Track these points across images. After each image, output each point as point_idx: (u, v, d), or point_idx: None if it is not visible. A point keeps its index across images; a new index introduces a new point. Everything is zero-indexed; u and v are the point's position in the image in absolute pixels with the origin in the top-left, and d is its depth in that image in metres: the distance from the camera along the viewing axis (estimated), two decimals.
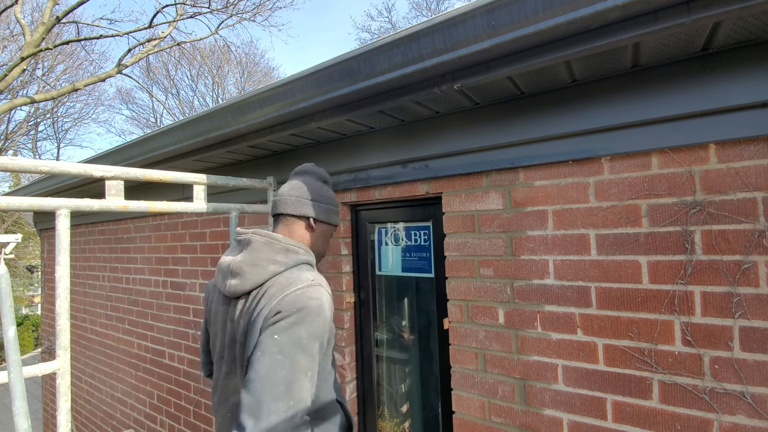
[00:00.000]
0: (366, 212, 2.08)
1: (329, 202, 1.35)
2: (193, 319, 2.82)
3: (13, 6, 9.06)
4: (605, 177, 1.31)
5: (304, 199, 1.29)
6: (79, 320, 4.22)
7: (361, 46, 1.32)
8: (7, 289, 1.01)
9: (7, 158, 1.18)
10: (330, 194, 1.37)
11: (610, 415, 1.28)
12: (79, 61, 15.45)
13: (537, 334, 1.42)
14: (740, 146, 1.12)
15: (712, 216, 1.15)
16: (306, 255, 1.21)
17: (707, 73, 1.12)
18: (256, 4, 12.76)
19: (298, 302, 1.01)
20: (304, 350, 0.98)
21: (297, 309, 1.00)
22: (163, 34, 11.13)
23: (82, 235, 4.24)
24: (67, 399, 1.21)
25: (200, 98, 20.29)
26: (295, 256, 1.18)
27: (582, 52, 1.03)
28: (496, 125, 1.47)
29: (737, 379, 1.11)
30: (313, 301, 1.02)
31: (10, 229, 16.20)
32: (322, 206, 1.32)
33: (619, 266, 1.28)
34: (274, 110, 1.61)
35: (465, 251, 1.59)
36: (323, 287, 1.10)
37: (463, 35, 1.09)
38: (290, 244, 1.19)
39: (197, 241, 2.81)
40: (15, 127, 15.97)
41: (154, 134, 2.18)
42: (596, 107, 1.28)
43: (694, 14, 0.89)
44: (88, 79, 10.88)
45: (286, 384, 0.93)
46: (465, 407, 1.58)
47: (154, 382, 3.17)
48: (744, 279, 1.11)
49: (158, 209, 1.52)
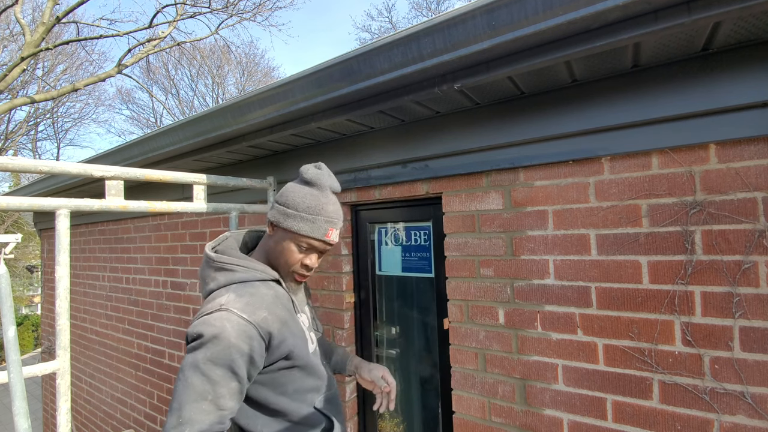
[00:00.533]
0: (366, 212, 2.08)
1: (290, 204, 1.17)
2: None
3: (13, 6, 9.06)
4: (605, 177, 1.31)
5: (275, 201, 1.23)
6: (79, 320, 4.22)
7: (361, 46, 1.32)
8: (7, 289, 1.01)
9: (7, 158, 1.18)
10: (297, 197, 1.17)
11: (610, 415, 1.28)
12: (79, 61, 15.46)
13: (537, 334, 1.42)
14: (740, 146, 1.12)
15: (712, 216, 1.15)
16: (245, 273, 1.14)
17: (707, 73, 1.12)
18: (256, 4, 12.77)
19: (197, 329, 1.01)
20: (201, 374, 0.98)
21: (195, 335, 1.01)
22: (163, 34, 11.13)
23: (82, 235, 4.24)
24: (67, 399, 1.21)
25: (200, 98, 20.30)
26: (230, 275, 1.13)
27: (582, 52, 1.03)
28: (496, 125, 1.47)
29: (737, 379, 1.11)
30: (212, 328, 0.99)
31: (10, 229, 16.20)
32: (280, 209, 1.18)
33: (620, 266, 1.28)
34: (274, 110, 1.61)
35: (465, 251, 1.59)
36: (232, 312, 1.03)
37: (463, 35, 1.09)
38: (225, 263, 1.15)
39: (197, 241, 2.81)
40: (15, 127, 15.98)
41: (154, 134, 2.18)
42: (596, 107, 1.28)
43: (694, 14, 0.89)
44: (88, 79, 10.88)
45: (179, 403, 0.97)
46: (465, 407, 1.58)
47: (154, 382, 3.17)
48: (744, 279, 1.11)
49: (158, 209, 1.52)
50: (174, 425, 0.95)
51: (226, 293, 1.09)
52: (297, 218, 1.16)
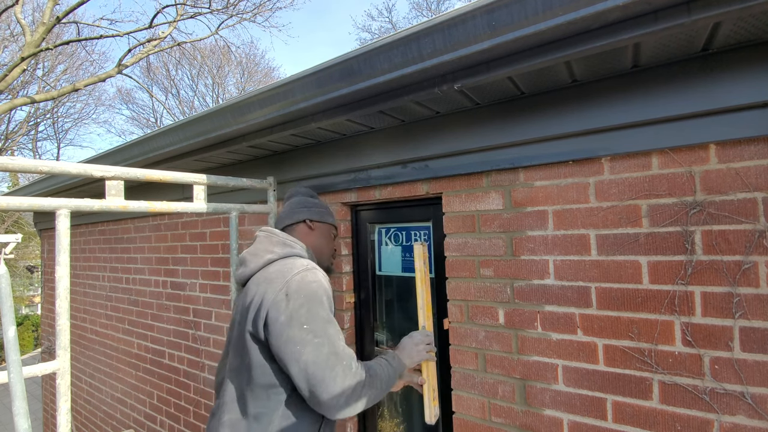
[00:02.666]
0: (366, 212, 2.08)
1: (319, 206, 1.56)
2: (193, 319, 2.82)
3: (13, 6, 9.06)
4: (605, 177, 1.31)
5: (296, 208, 1.52)
6: (79, 320, 4.22)
7: (361, 47, 1.32)
8: (7, 289, 1.01)
9: (7, 158, 1.18)
10: (318, 201, 1.60)
11: (610, 415, 1.28)
12: (79, 61, 15.46)
13: (537, 335, 1.42)
14: (740, 146, 1.12)
15: (712, 216, 1.15)
16: (300, 250, 1.38)
17: (707, 73, 1.12)
18: (256, 4, 12.77)
19: (303, 289, 1.18)
20: (328, 323, 1.19)
21: (305, 295, 1.17)
22: (163, 34, 11.13)
23: (82, 235, 4.24)
24: (67, 399, 1.21)
25: (200, 98, 20.31)
26: (290, 249, 1.35)
27: (582, 52, 1.03)
28: (496, 125, 1.47)
29: (737, 380, 1.11)
30: (314, 284, 1.21)
31: (10, 229, 16.20)
32: (314, 209, 1.53)
33: (620, 266, 1.27)
34: (275, 110, 1.61)
35: (465, 251, 1.59)
36: (317, 269, 1.28)
37: (463, 35, 1.09)
38: (287, 239, 1.38)
39: (197, 241, 2.81)
40: (15, 127, 15.98)
41: (154, 134, 2.18)
42: (596, 107, 1.28)
43: (694, 14, 0.89)
44: (89, 79, 10.88)
45: (334, 354, 1.15)
46: (465, 407, 1.58)
47: (154, 382, 3.17)
48: (744, 279, 1.11)
49: (158, 209, 1.52)
50: (345, 367, 1.15)
51: (299, 259, 1.31)
52: (328, 214, 1.57)
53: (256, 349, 1.19)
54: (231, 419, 1.21)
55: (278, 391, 1.19)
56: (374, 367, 1.27)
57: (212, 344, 2.67)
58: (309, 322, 1.15)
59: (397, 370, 1.35)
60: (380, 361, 1.32)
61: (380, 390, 1.24)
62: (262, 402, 1.19)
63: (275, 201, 2.04)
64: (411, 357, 1.42)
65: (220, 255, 2.63)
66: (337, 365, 1.13)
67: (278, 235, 1.39)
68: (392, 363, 1.34)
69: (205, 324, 2.73)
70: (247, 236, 2.46)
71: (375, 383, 1.22)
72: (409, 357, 1.42)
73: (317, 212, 1.53)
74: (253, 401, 1.19)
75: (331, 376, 1.11)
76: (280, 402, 1.19)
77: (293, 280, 1.19)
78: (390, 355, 1.39)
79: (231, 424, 1.21)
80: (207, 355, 2.70)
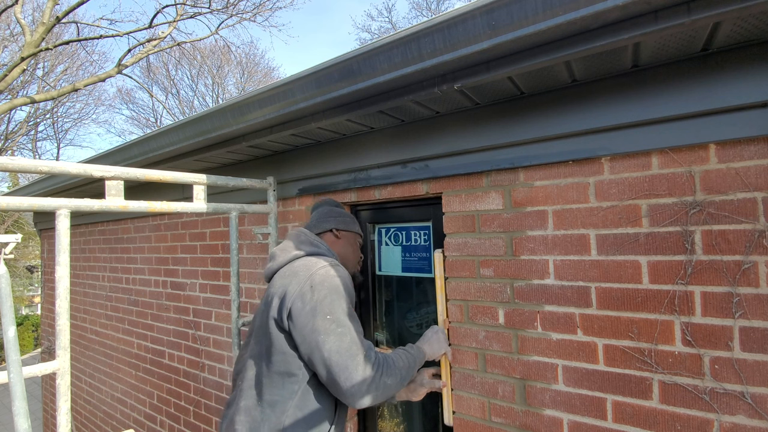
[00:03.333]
0: (366, 212, 2.08)
1: (345, 215, 1.65)
2: (193, 319, 2.82)
3: (13, 6, 9.06)
4: (605, 177, 1.31)
5: (323, 218, 1.60)
6: (79, 320, 4.22)
7: (361, 46, 1.32)
8: (7, 289, 1.01)
9: (7, 158, 1.18)
10: (344, 211, 1.68)
11: (610, 415, 1.28)
12: (79, 61, 15.46)
13: (537, 334, 1.42)
14: (740, 146, 1.12)
15: (712, 216, 1.15)
16: (326, 251, 1.46)
17: (707, 73, 1.12)
18: (256, 4, 12.77)
19: (327, 282, 1.25)
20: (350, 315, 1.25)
21: (329, 287, 1.24)
22: (163, 34, 11.13)
23: (82, 235, 4.24)
24: (67, 399, 1.21)
25: (200, 98, 20.30)
26: (316, 249, 1.44)
27: (582, 52, 1.03)
28: (496, 125, 1.47)
29: (737, 379, 1.11)
30: (338, 278, 1.29)
31: (10, 229, 16.20)
32: (340, 219, 1.62)
33: (620, 266, 1.27)
34: (274, 110, 1.60)
35: (465, 251, 1.59)
36: (340, 266, 1.35)
37: (463, 35, 1.09)
38: (315, 240, 1.48)
39: (197, 241, 2.81)
40: (15, 127, 15.97)
41: (154, 134, 2.18)
42: (596, 107, 1.28)
43: (694, 14, 0.89)
44: (88, 79, 10.88)
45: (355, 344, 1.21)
46: (465, 407, 1.58)
47: (154, 382, 3.17)
48: (744, 279, 1.11)
49: (158, 209, 1.52)
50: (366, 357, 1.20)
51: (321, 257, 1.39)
52: (354, 223, 1.65)
53: (280, 337, 1.25)
54: (246, 405, 1.27)
55: (294, 380, 1.24)
56: (392, 357, 1.33)
57: (212, 344, 2.67)
58: (332, 313, 1.21)
59: (416, 357, 1.41)
60: (398, 351, 1.38)
61: (400, 379, 1.30)
62: (277, 390, 1.24)
63: (275, 201, 2.04)
64: (431, 345, 1.51)
65: (220, 255, 2.63)
66: (359, 354, 1.19)
67: (307, 235, 1.48)
68: (410, 351, 1.41)
69: (205, 324, 2.73)
70: (247, 236, 2.46)
71: (394, 372, 1.27)
72: (429, 345, 1.51)
73: (343, 221, 1.61)
74: (269, 388, 1.24)
75: (353, 365, 1.17)
76: (293, 392, 1.24)
77: (318, 273, 1.27)
78: (409, 345, 1.46)
79: (246, 410, 1.26)
80: (207, 355, 2.70)
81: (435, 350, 1.52)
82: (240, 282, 2.37)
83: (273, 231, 2.03)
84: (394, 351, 1.38)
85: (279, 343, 1.25)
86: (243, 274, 2.47)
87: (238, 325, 1.83)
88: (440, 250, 1.64)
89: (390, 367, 1.27)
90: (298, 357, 1.23)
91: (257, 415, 1.24)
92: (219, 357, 2.61)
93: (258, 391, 1.26)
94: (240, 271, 2.38)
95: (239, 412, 1.27)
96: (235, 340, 1.83)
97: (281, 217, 2.30)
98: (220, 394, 2.60)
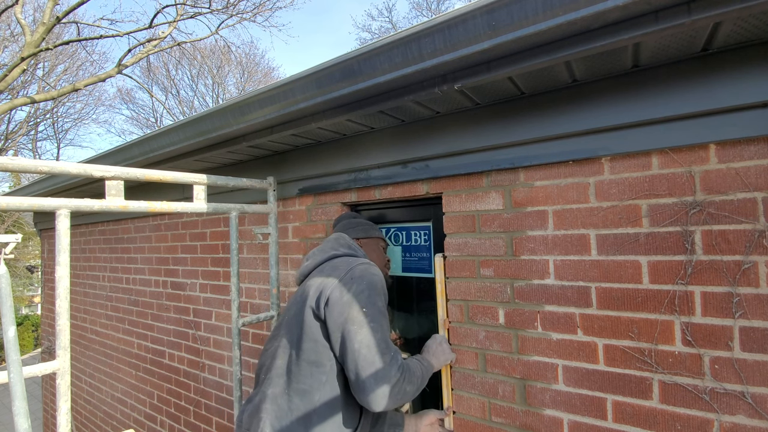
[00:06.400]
0: (366, 212, 2.08)
1: (363, 223, 1.73)
2: (193, 319, 2.82)
3: (13, 6, 9.06)
4: (605, 177, 1.31)
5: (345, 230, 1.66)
6: (79, 320, 4.22)
7: (361, 47, 1.32)
8: (7, 289, 1.01)
9: (7, 158, 1.18)
10: (361, 219, 1.76)
11: (611, 415, 1.28)
12: (79, 61, 15.45)
13: (537, 334, 1.42)
14: (740, 146, 1.12)
15: (712, 216, 1.15)
16: (364, 256, 1.53)
17: (707, 73, 1.12)
18: (256, 4, 12.76)
19: (366, 277, 1.30)
20: (383, 314, 1.28)
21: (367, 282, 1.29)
22: (163, 34, 11.13)
23: (82, 235, 4.24)
24: (67, 399, 1.21)
25: (200, 98, 20.30)
26: (354, 252, 1.51)
27: (582, 52, 1.03)
28: (496, 125, 1.47)
29: (737, 379, 1.11)
30: (376, 276, 1.34)
31: (10, 229, 16.20)
32: (358, 228, 1.69)
33: (620, 266, 1.28)
34: (275, 110, 1.60)
35: (465, 251, 1.59)
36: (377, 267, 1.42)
37: (463, 35, 1.09)
38: (353, 244, 1.56)
39: (197, 241, 2.81)
40: (15, 127, 15.97)
41: (155, 134, 2.18)
42: (596, 107, 1.28)
43: (694, 14, 0.89)
44: (89, 79, 10.88)
45: (385, 342, 1.23)
46: (465, 407, 1.58)
47: (154, 382, 3.17)
48: (744, 279, 1.11)
49: (158, 209, 1.52)
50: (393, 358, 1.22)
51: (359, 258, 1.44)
52: (373, 228, 1.73)
53: (314, 326, 1.28)
54: (274, 393, 1.28)
55: (322, 370, 1.25)
56: (412, 364, 1.33)
57: (212, 344, 2.67)
58: (368, 306, 1.24)
59: (428, 369, 1.42)
60: (414, 360, 1.39)
61: (416, 388, 1.30)
62: (305, 378, 1.25)
63: (275, 201, 2.04)
64: (437, 356, 1.51)
65: (220, 255, 2.63)
66: (387, 353, 1.21)
67: (346, 239, 1.56)
68: (423, 362, 1.42)
69: (205, 324, 2.73)
70: (248, 236, 2.46)
71: (413, 380, 1.29)
72: (435, 356, 1.51)
73: (363, 230, 1.67)
74: (297, 376, 1.26)
75: (381, 362, 1.18)
76: (322, 382, 1.25)
77: (357, 268, 1.33)
78: (419, 356, 1.46)
79: (273, 398, 1.27)
80: (207, 355, 2.70)
81: (441, 362, 1.52)
82: (240, 282, 2.37)
83: (273, 231, 2.03)
84: (410, 359, 1.38)
85: (312, 332, 1.27)
86: (243, 274, 2.47)
87: (238, 325, 1.83)
88: (441, 255, 1.64)
89: (412, 374, 1.27)
90: (329, 348, 1.25)
91: (284, 404, 1.25)
92: (219, 357, 2.61)
93: (287, 379, 1.28)
94: (240, 271, 2.38)
95: (266, 399, 1.28)
96: (235, 340, 1.82)
97: (281, 217, 2.30)
98: (220, 394, 2.60)
